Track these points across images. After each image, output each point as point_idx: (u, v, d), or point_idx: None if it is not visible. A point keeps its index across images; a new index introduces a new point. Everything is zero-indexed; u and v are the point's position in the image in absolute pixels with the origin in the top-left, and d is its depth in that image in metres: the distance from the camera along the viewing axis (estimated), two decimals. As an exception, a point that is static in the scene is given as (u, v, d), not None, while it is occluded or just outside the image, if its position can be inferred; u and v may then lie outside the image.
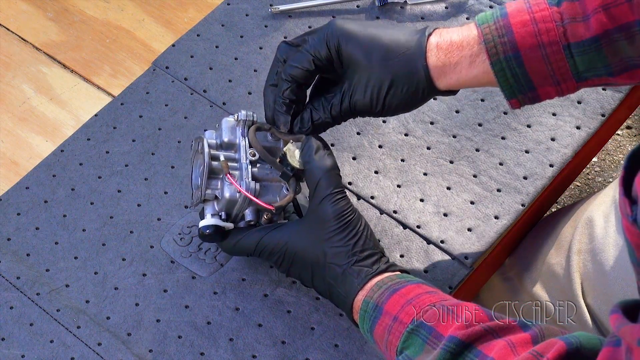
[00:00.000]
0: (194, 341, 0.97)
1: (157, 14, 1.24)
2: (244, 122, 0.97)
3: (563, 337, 0.74)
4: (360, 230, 0.91)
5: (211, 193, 0.94)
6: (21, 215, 1.06)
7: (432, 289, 0.87)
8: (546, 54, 0.85)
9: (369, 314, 0.87)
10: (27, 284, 1.01)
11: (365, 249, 0.90)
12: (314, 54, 0.92)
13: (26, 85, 1.18)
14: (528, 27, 0.86)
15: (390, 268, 0.91)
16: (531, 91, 0.88)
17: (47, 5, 1.25)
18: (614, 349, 0.67)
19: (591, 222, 1.10)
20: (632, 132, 2.12)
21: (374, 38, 0.91)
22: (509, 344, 0.77)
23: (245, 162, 0.95)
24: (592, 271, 1.08)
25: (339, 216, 0.90)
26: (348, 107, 0.92)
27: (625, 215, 0.65)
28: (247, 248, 0.94)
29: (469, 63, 0.89)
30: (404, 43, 0.91)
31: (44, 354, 0.97)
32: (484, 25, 0.88)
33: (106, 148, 1.10)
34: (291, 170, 0.94)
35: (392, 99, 0.91)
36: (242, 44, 1.18)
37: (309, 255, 0.91)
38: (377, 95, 0.91)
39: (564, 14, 0.85)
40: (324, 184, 0.91)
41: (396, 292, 0.86)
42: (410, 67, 0.90)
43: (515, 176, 1.07)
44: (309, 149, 0.93)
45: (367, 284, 0.89)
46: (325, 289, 0.92)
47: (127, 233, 1.04)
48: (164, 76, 1.16)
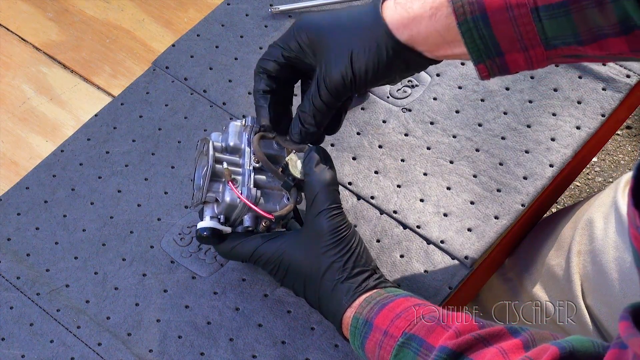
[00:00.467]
0: (194, 341, 0.97)
1: (157, 14, 1.24)
2: (250, 128, 0.97)
3: (555, 342, 0.74)
4: (353, 247, 0.91)
5: (212, 196, 0.94)
6: (21, 215, 1.06)
7: (421, 301, 0.87)
8: (514, 15, 0.84)
9: (359, 330, 0.87)
10: (27, 284, 1.01)
11: (356, 266, 0.90)
12: (283, 45, 0.94)
13: (26, 85, 1.18)
14: None
15: (379, 285, 0.91)
16: (499, 57, 0.87)
17: (47, 5, 1.25)
18: (621, 351, 0.67)
19: (591, 223, 1.10)
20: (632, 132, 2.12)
21: (333, 17, 0.92)
22: (500, 351, 0.77)
23: (248, 168, 0.95)
24: (591, 272, 1.08)
25: (334, 231, 0.90)
26: (326, 90, 0.92)
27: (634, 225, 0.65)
28: (243, 255, 0.94)
29: (430, 15, 0.87)
30: (361, 10, 0.91)
31: (44, 354, 0.97)
32: None
33: (106, 148, 1.11)
34: (292, 180, 0.94)
35: (359, 64, 0.90)
36: (242, 44, 1.18)
37: (302, 268, 0.91)
38: (345, 65, 0.90)
39: None
40: (322, 198, 0.91)
41: (385, 307, 0.87)
42: (368, 26, 0.90)
43: (515, 176, 1.07)
44: (309, 160, 0.93)
45: (356, 301, 0.89)
46: (316, 301, 0.92)
47: (127, 233, 1.04)
48: (164, 76, 1.16)
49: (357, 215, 1.05)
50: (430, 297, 0.99)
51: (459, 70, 1.14)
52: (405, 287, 0.99)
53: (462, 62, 1.15)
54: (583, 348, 0.73)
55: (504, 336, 0.79)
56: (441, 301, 0.99)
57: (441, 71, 1.14)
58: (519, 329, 0.79)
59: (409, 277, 1.00)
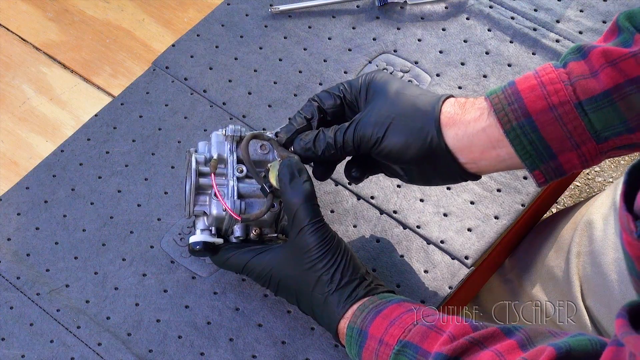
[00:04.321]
0: (194, 341, 0.97)
1: (157, 14, 1.24)
2: (232, 137, 0.97)
3: (552, 343, 0.74)
4: (339, 259, 0.90)
5: (200, 209, 0.94)
6: (21, 215, 1.06)
7: (413, 305, 0.87)
8: (559, 114, 0.83)
9: (355, 339, 0.87)
10: (27, 284, 1.01)
11: (344, 277, 0.90)
12: (345, 85, 0.95)
13: (26, 86, 1.18)
14: (536, 90, 0.84)
15: (370, 292, 0.90)
16: (552, 160, 0.86)
17: (47, 5, 1.25)
18: (618, 349, 0.67)
19: (590, 225, 1.10)
20: (632, 132, 2.12)
21: (404, 85, 0.93)
22: (496, 354, 0.77)
23: (232, 178, 0.95)
24: (591, 273, 1.08)
25: (317, 246, 0.90)
26: (353, 132, 0.91)
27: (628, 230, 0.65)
28: (235, 268, 0.95)
29: (479, 115, 0.87)
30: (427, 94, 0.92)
31: (44, 354, 0.97)
32: (492, 96, 0.86)
33: (106, 148, 1.11)
34: (269, 187, 0.94)
35: (393, 133, 0.90)
36: (242, 44, 1.18)
37: (291, 284, 0.92)
38: (383, 123, 0.90)
39: (571, 73, 0.84)
40: (301, 215, 0.90)
41: (379, 315, 0.87)
42: (420, 104, 0.90)
43: (515, 176, 1.07)
44: (283, 176, 0.92)
45: (348, 311, 0.89)
46: (310, 313, 0.93)
47: (127, 233, 1.04)
48: (164, 76, 1.16)
49: (357, 215, 1.05)
50: (430, 297, 0.99)
51: (459, 70, 1.14)
52: (405, 287, 1.00)
53: (462, 62, 1.15)
54: (580, 347, 0.73)
55: (499, 337, 0.79)
56: (441, 301, 0.99)
57: (441, 71, 1.14)
58: (513, 329, 0.79)
59: (409, 277, 1.00)
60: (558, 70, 0.84)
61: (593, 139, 0.84)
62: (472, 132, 0.87)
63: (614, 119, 0.83)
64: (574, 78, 0.83)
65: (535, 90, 0.84)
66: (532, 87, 0.84)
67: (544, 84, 0.84)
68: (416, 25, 1.18)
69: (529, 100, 0.84)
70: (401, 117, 0.89)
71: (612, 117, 0.83)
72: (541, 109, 0.84)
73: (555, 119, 0.84)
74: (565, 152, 0.85)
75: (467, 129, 0.88)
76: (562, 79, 0.84)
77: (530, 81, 0.85)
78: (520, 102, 0.84)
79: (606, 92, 0.82)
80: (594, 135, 0.84)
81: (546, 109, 0.84)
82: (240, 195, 0.94)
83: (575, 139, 0.84)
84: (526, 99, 0.84)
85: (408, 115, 0.89)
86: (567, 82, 0.83)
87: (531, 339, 0.77)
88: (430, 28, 1.18)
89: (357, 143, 0.91)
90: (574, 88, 0.83)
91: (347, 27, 1.19)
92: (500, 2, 1.19)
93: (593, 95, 0.83)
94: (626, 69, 0.81)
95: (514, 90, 0.85)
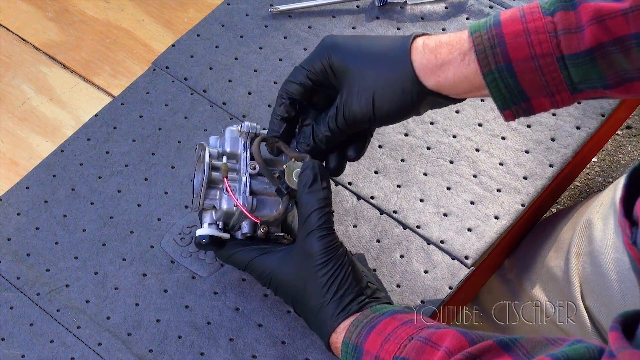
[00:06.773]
0: (194, 341, 0.97)
1: (157, 14, 1.24)
2: (246, 134, 0.97)
3: (550, 354, 0.74)
4: (339, 269, 0.90)
5: (209, 203, 0.94)
6: (21, 215, 1.06)
7: (408, 317, 0.87)
8: (539, 65, 0.84)
9: (350, 355, 0.87)
10: (27, 284, 1.01)
11: (340, 288, 0.90)
12: (308, 68, 0.94)
13: (26, 86, 1.18)
14: (520, 37, 0.84)
15: (364, 307, 0.90)
16: (525, 102, 0.87)
17: (47, 5, 1.25)
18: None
19: (590, 225, 1.10)
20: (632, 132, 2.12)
21: (361, 46, 0.92)
22: None
23: (245, 174, 0.95)
24: (590, 274, 1.08)
25: (321, 253, 0.90)
26: (343, 117, 0.92)
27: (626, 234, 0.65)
28: (239, 265, 0.95)
29: (460, 61, 0.87)
30: (389, 45, 0.91)
31: (44, 354, 0.97)
32: (476, 34, 0.86)
33: (106, 148, 1.11)
34: (286, 189, 0.94)
35: (382, 103, 0.90)
36: (242, 44, 1.18)
37: (290, 287, 0.92)
38: (367, 104, 0.90)
39: (557, 24, 0.84)
40: (313, 219, 0.90)
41: (373, 330, 0.86)
42: (396, 67, 0.90)
43: (515, 176, 1.07)
44: (305, 178, 0.92)
45: (340, 325, 0.89)
46: (304, 319, 0.93)
47: (127, 233, 1.04)
48: (164, 76, 1.16)
49: (357, 215, 1.05)
50: (430, 297, 0.99)
51: (459, 71, 1.15)
52: (405, 287, 1.00)
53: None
54: (578, 356, 0.73)
55: (496, 352, 0.78)
56: (441, 301, 0.99)
57: (441, 71, 1.15)
58: (510, 342, 0.78)
59: (409, 277, 1.00)
60: (546, 18, 0.84)
61: (568, 89, 0.85)
62: (452, 78, 0.88)
63: (593, 75, 0.84)
64: (560, 31, 0.84)
65: (519, 37, 0.84)
66: (517, 32, 0.84)
67: (529, 31, 0.84)
68: (416, 25, 1.18)
69: (511, 47, 0.84)
70: (380, 88, 0.90)
71: (591, 73, 0.84)
72: (523, 58, 0.84)
73: (535, 69, 0.84)
74: (539, 97, 0.86)
75: (448, 75, 0.88)
76: (548, 30, 0.84)
77: (517, 25, 0.85)
78: (502, 47, 0.85)
79: (589, 49, 0.83)
80: (570, 86, 0.85)
81: (527, 57, 0.84)
82: (252, 192, 0.94)
83: (551, 88, 0.85)
84: (509, 45, 0.85)
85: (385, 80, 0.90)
86: (553, 33, 0.84)
87: (529, 352, 0.77)
88: (430, 28, 1.18)
89: (352, 124, 0.92)
90: (558, 41, 0.84)
91: (347, 27, 1.19)
92: (500, 2, 1.19)
93: (576, 52, 0.83)
94: (612, 27, 0.82)
95: (498, 32, 0.85)
